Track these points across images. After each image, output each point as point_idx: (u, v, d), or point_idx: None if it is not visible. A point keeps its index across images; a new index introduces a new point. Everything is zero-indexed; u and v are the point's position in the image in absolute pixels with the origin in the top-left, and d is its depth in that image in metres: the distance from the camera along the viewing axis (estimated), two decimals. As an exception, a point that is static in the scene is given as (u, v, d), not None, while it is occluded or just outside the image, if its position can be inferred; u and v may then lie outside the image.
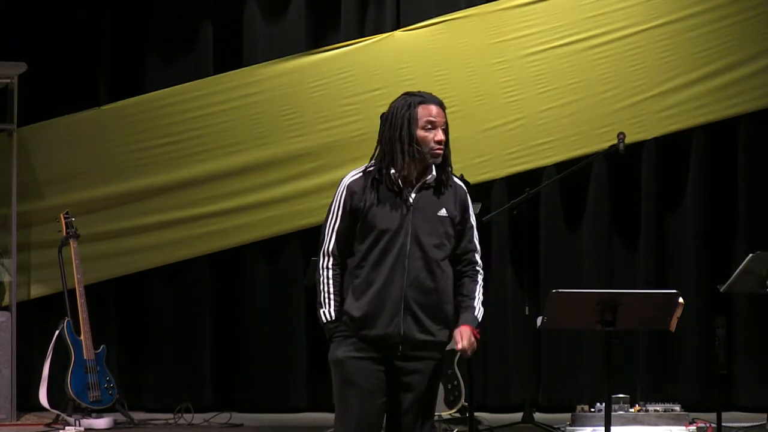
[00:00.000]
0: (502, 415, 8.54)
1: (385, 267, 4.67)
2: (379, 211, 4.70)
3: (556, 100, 8.90)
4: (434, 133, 4.74)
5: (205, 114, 9.02)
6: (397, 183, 4.71)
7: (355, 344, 4.69)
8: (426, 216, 4.71)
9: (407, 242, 4.67)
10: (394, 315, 4.66)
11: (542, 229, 8.95)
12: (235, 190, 8.99)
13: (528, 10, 8.94)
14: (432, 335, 4.71)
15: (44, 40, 9.05)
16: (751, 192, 8.88)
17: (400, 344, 4.67)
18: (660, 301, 5.28)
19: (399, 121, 4.74)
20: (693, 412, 8.04)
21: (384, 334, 4.66)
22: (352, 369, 4.69)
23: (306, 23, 9.10)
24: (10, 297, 8.69)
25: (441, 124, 4.76)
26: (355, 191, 4.74)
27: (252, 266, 9.05)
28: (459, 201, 4.80)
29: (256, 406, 8.92)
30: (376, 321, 4.67)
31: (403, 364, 4.69)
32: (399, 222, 4.69)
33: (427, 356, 4.72)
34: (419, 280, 4.68)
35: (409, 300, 4.66)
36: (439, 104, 4.79)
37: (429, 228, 4.70)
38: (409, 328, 4.67)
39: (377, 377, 4.69)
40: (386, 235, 4.68)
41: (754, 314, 8.75)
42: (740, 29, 8.89)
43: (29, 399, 8.55)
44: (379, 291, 4.67)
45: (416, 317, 4.68)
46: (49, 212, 8.73)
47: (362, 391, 4.68)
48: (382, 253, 4.68)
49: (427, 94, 4.80)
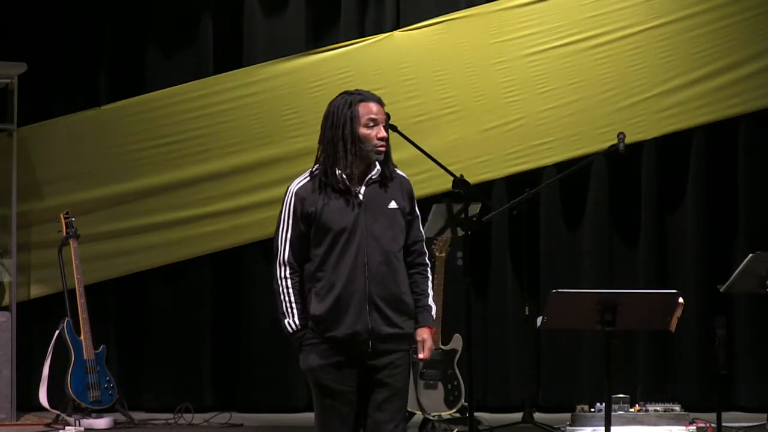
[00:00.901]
0: (502, 415, 8.54)
1: (346, 266, 4.71)
2: (332, 212, 4.74)
3: (556, 100, 8.90)
4: (376, 130, 4.78)
5: (205, 114, 9.02)
6: (344, 182, 4.73)
7: (325, 350, 4.75)
8: (377, 210, 4.76)
9: (364, 239, 4.71)
10: (360, 312, 4.71)
11: (542, 229, 8.95)
12: (235, 190, 8.99)
13: (528, 10, 8.93)
14: (399, 327, 4.77)
15: (44, 40, 9.05)
16: (751, 192, 8.88)
17: (369, 340, 4.71)
18: (660, 301, 5.28)
19: (341, 120, 4.78)
20: (693, 412, 8.04)
21: (352, 332, 4.71)
22: (326, 375, 4.76)
23: (306, 23, 9.10)
24: (10, 297, 8.69)
25: (382, 121, 4.80)
26: (304, 197, 4.80)
27: (252, 266, 9.05)
28: (405, 192, 4.85)
29: (256, 406, 8.92)
30: (342, 321, 4.72)
31: (374, 362, 4.74)
32: (353, 220, 4.73)
33: (396, 349, 4.76)
34: (380, 274, 4.72)
35: (372, 295, 4.71)
36: (379, 101, 4.82)
37: (382, 222, 4.75)
38: (376, 323, 4.72)
39: (350, 379, 4.75)
40: (343, 235, 4.72)
41: (754, 314, 8.75)
42: (740, 29, 8.89)
43: (29, 399, 8.56)
44: (343, 290, 4.71)
45: (381, 312, 4.73)
46: (49, 212, 8.73)
47: (339, 394, 4.75)
48: (341, 253, 4.72)
49: (365, 92, 4.84)
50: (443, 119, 8.91)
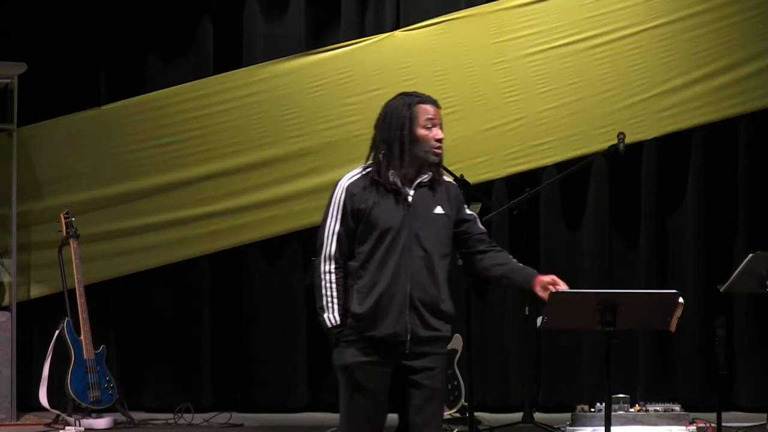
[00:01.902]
0: (502, 415, 8.54)
1: (390, 267, 4.71)
2: (381, 211, 4.73)
3: (556, 100, 8.90)
4: (434, 132, 4.78)
5: (205, 114, 9.02)
6: (396, 182, 4.73)
7: (362, 348, 4.72)
8: (425, 215, 4.76)
9: (409, 241, 4.71)
10: (401, 313, 4.70)
11: (542, 229, 8.95)
12: (235, 190, 8.99)
13: (528, 10, 8.94)
14: (437, 330, 4.77)
15: (44, 40, 9.05)
16: (751, 192, 8.88)
17: (407, 342, 4.70)
18: (660, 301, 5.28)
19: (399, 121, 4.76)
20: (693, 412, 8.04)
21: (392, 332, 4.70)
22: (360, 373, 4.72)
23: (306, 23, 9.10)
24: (10, 297, 8.69)
25: (439, 123, 4.81)
26: (355, 193, 4.76)
27: (252, 266, 9.05)
28: (453, 197, 4.85)
29: (256, 406, 8.92)
30: (383, 320, 4.71)
31: (410, 363, 4.73)
32: (400, 222, 4.72)
33: (432, 352, 4.77)
34: (421, 277, 4.72)
35: (413, 298, 4.71)
36: (435, 104, 4.85)
37: (427, 226, 4.75)
38: (415, 325, 4.72)
39: (384, 380, 4.73)
40: (389, 235, 4.71)
41: (754, 314, 8.75)
42: (740, 29, 8.89)
43: (29, 399, 8.56)
44: (385, 290, 4.70)
45: (420, 315, 4.73)
46: (49, 212, 8.73)
47: (370, 394, 4.71)
48: (386, 253, 4.71)
49: (423, 94, 4.85)
50: (443, 119, 8.87)
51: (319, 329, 4.54)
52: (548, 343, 8.88)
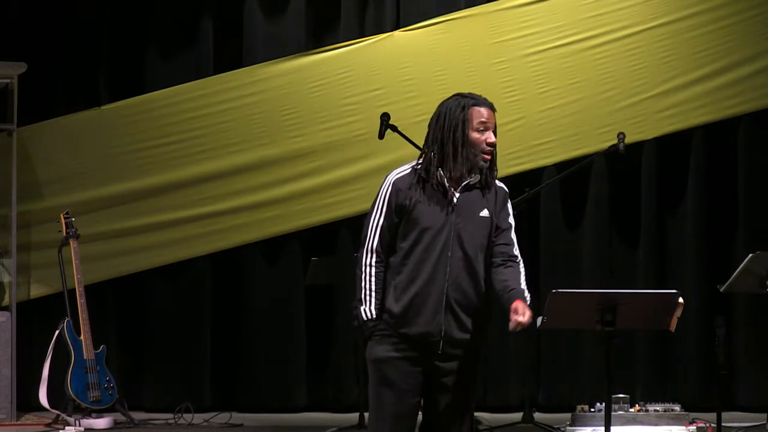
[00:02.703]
0: (502, 415, 8.53)
1: (428, 265, 4.70)
2: (424, 209, 4.73)
3: (556, 100, 8.91)
4: (487, 135, 4.77)
5: (205, 114, 9.02)
6: (443, 183, 4.73)
7: (395, 344, 4.72)
8: (469, 216, 4.74)
9: (449, 242, 4.70)
10: (436, 313, 4.69)
11: (542, 229, 8.95)
12: (235, 190, 8.99)
13: (528, 10, 8.94)
14: (471, 334, 4.76)
15: (44, 40, 9.05)
16: (751, 192, 8.88)
17: (441, 343, 4.69)
18: (660, 301, 5.28)
19: (453, 123, 4.76)
20: (693, 412, 8.04)
21: (425, 332, 4.69)
22: (390, 368, 4.71)
23: (306, 23, 9.10)
24: (10, 297, 8.69)
25: (492, 126, 4.79)
26: (401, 188, 4.76)
27: (252, 266, 9.05)
28: (500, 202, 4.83)
29: (256, 406, 8.92)
30: (417, 319, 4.70)
31: (442, 365, 4.72)
32: (442, 221, 4.72)
33: (462, 355, 4.75)
34: (460, 279, 4.71)
35: (450, 299, 4.70)
36: (490, 107, 4.81)
37: (471, 228, 4.73)
38: (450, 327, 4.71)
39: (414, 378, 4.72)
40: (429, 234, 4.71)
41: (754, 314, 8.75)
42: (740, 29, 8.89)
43: (29, 399, 8.55)
44: (421, 289, 4.69)
45: (456, 316, 4.72)
46: (49, 212, 8.73)
47: (399, 391, 4.70)
48: (425, 251, 4.71)
49: (478, 96, 4.83)
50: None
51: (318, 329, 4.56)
52: (548, 343, 8.88)
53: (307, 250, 8.76)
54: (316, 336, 8.92)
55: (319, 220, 8.85)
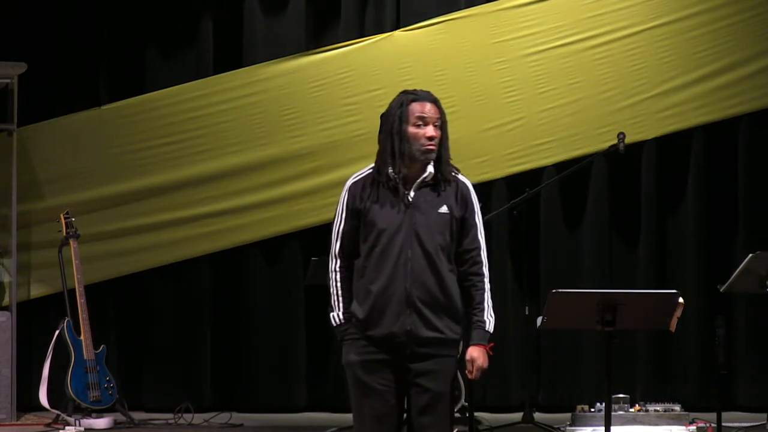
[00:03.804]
0: (502, 415, 8.54)
1: (388, 266, 4.69)
2: (379, 210, 4.72)
3: (556, 100, 8.90)
4: (425, 130, 4.74)
5: (205, 114, 9.02)
6: (395, 181, 4.72)
7: (365, 346, 4.73)
8: (426, 214, 4.72)
9: (408, 241, 4.68)
10: (399, 314, 4.68)
11: (542, 229, 8.95)
12: (235, 190, 8.99)
13: (528, 10, 8.94)
14: (440, 332, 4.72)
15: (44, 40, 9.05)
16: (751, 192, 8.88)
17: (408, 343, 4.67)
18: (660, 301, 5.28)
19: (392, 120, 4.77)
20: (693, 412, 8.05)
21: (389, 333, 4.68)
22: (363, 371, 4.73)
23: (306, 23, 9.10)
24: (10, 297, 8.69)
25: (433, 120, 4.76)
26: (356, 192, 4.77)
27: (252, 266, 9.05)
28: (461, 197, 4.80)
29: (256, 406, 8.92)
30: (381, 320, 4.69)
31: (414, 365, 4.71)
32: (399, 221, 4.70)
33: (438, 353, 4.72)
34: (422, 277, 4.68)
35: (413, 298, 4.67)
36: (433, 101, 4.78)
37: (429, 225, 4.71)
38: (415, 326, 4.68)
39: (388, 379, 4.71)
40: (386, 234, 4.70)
41: (754, 314, 8.75)
42: (740, 29, 8.89)
43: (29, 399, 8.55)
44: (383, 290, 4.69)
45: (422, 315, 4.69)
46: (49, 212, 8.73)
47: (375, 393, 4.71)
48: (384, 252, 4.70)
49: (422, 92, 4.81)
50: (445, 118, 8.89)
51: (318, 329, 4.59)
52: (548, 343, 8.88)
53: (307, 250, 8.75)
54: (316, 336, 8.91)
55: (319, 220, 8.84)
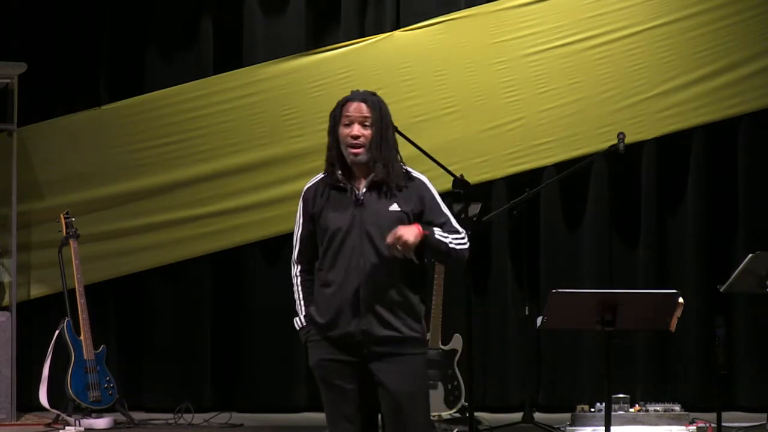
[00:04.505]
0: (502, 415, 8.54)
1: (341, 267, 4.71)
2: (330, 213, 4.75)
3: (556, 100, 8.90)
4: (350, 129, 4.74)
5: (205, 114, 9.02)
6: (343, 182, 4.74)
7: (326, 347, 4.75)
8: (377, 213, 4.71)
9: (360, 241, 4.69)
10: (354, 314, 4.68)
11: (542, 229, 8.95)
12: (235, 190, 8.99)
13: (528, 10, 8.94)
14: (397, 331, 4.70)
15: (44, 40, 9.05)
16: (751, 192, 8.88)
17: (364, 342, 4.68)
18: (660, 301, 5.28)
19: (331, 122, 4.80)
20: (693, 412, 8.05)
21: (345, 333, 4.69)
22: (327, 372, 4.75)
23: (306, 23, 9.10)
24: (10, 297, 8.69)
25: (358, 119, 4.74)
26: (309, 197, 4.81)
27: (252, 266, 9.05)
28: (416, 194, 4.76)
29: (256, 406, 8.92)
30: (337, 321, 4.71)
31: (374, 365, 4.70)
32: (349, 222, 4.71)
33: (398, 352, 4.70)
34: (375, 276, 4.67)
35: (367, 297, 4.67)
36: (363, 100, 4.76)
37: (380, 224, 4.69)
38: (370, 325, 4.68)
39: (351, 378, 4.72)
40: (339, 236, 4.71)
41: (754, 314, 8.75)
42: (740, 29, 8.89)
43: (29, 399, 8.56)
44: (337, 291, 4.70)
45: (376, 314, 4.68)
46: (49, 212, 8.73)
47: (340, 392, 4.73)
48: (337, 254, 4.72)
49: (357, 92, 4.81)
50: (443, 119, 8.91)
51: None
52: (548, 343, 8.87)
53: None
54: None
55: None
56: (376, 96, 4.82)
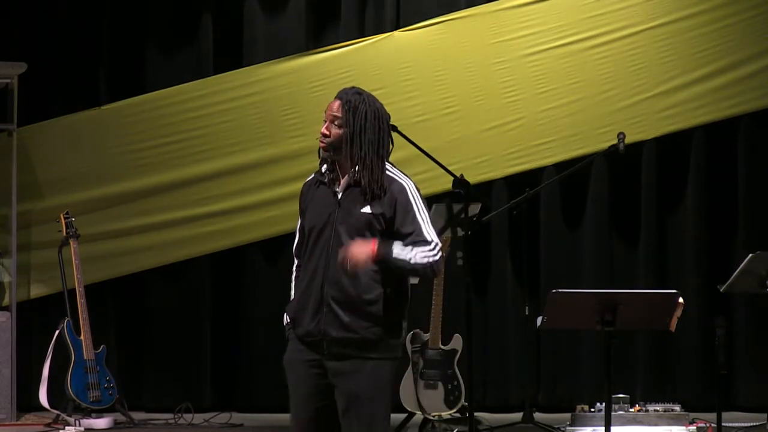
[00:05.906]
0: (502, 415, 8.54)
1: (311, 265, 4.70)
2: (312, 209, 4.75)
3: (556, 100, 8.90)
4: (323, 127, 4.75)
5: (205, 114, 9.02)
6: (327, 180, 4.75)
7: (296, 345, 4.73)
8: (348, 213, 4.67)
9: (330, 240, 4.66)
10: (316, 312, 4.65)
11: (542, 229, 8.95)
12: (235, 190, 8.99)
13: (528, 10, 8.94)
14: (354, 332, 4.62)
15: (44, 40, 9.05)
16: (751, 192, 8.88)
17: (322, 342, 4.64)
18: (660, 301, 5.29)
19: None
20: (693, 412, 8.05)
21: (306, 332, 4.67)
22: (291, 373, 4.73)
23: (306, 23, 9.10)
24: (10, 297, 8.69)
25: (329, 117, 4.74)
26: (303, 192, 4.85)
27: (252, 266, 9.05)
28: (391, 199, 4.67)
29: (256, 406, 8.92)
30: (302, 319, 4.69)
31: (330, 364, 4.65)
32: (325, 220, 4.69)
33: (354, 355, 4.63)
34: (338, 276, 4.62)
35: (328, 297, 4.63)
36: (340, 98, 4.78)
37: (350, 224, 4.64)
38: (329, 325, 4.62)
39: (312, 380, 4.67)
40: (314, 233, 4.71)
41: (754, 314, 8.76)
42: (740, 29, 8.89)
43: (29, 399, 8.56)
44: (305, 289, 4.69)
45: (335, 314, 4.62)
46: (49, 212, 8.73)
47: (297, 395, 4.70)
48: (311, 251, 4.71)
49: (343, 90, 4.85)
50: (443, 119, 8.91)
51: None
52: (548, 343, 8.88)
53: (307, 251, 8.75)
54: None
55: (319, 220, 8.82)
56: (361, 96, 4.77)
